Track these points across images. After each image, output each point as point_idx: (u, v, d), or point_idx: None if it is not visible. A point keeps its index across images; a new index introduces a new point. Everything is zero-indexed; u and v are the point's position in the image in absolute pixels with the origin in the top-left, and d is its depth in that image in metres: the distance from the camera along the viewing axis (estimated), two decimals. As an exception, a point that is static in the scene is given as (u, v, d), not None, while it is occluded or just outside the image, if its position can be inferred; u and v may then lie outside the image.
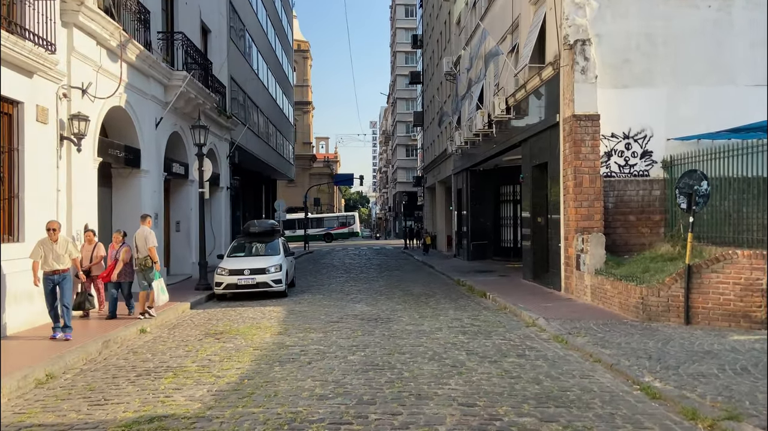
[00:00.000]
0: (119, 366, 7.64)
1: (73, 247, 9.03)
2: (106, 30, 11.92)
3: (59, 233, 8.88)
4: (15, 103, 9.37)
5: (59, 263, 8.76)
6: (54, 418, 5.58)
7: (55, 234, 8.76)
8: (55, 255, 8.74)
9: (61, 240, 8.84)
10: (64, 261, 8.81)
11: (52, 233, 8.75)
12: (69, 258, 8.90)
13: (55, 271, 8.75)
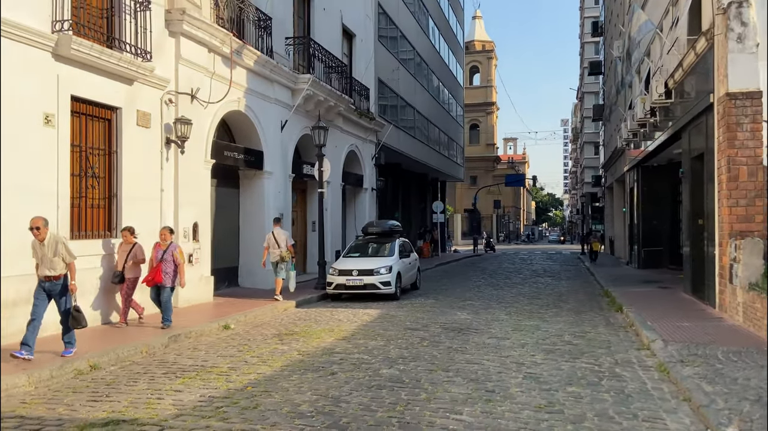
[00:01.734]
0: (160, 362, 7.75)
1: (65, 249, 7.40)
2: (216, 38, 12.51)
3: (46, 231, 7.35)
4: (113, 109, 10.16)
5: (50, 268, 7.36)
6: (42, 411, 5.70)
7: (39, 233, 7.30)
8: (45, 259, 7.37)
9: (49, 241, 7.35)
10: (56, 266, 7.37)
11: (36, 232, 7.31)
12: (62, 263, 7.42)
13: (46, 277, 7.40)
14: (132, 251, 9.60)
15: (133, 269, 9.72)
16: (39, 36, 8.54)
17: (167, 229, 9.97)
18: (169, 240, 9.77)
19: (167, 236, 9.79)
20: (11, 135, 8.16)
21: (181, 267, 9.74)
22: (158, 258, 9.65)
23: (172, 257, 9.55)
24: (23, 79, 8.33)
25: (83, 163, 9.65)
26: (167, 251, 9.66)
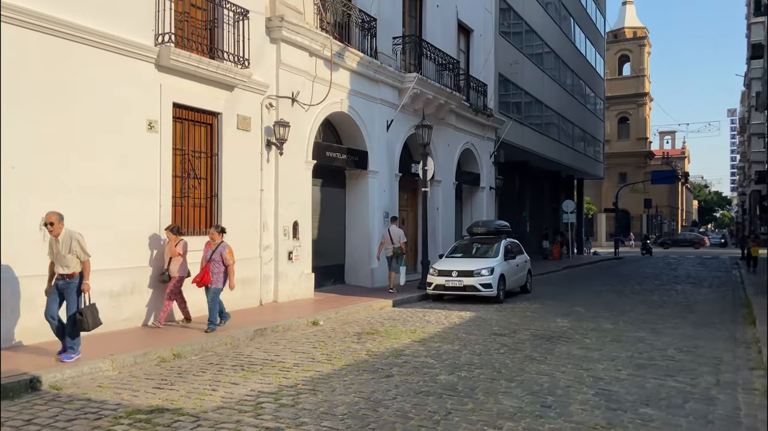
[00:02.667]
0: (237, 354, 8.07)
1: (79, 247, 7.02)
2: (316, 42, 12.86)
3: (61, 227, 7.02)
4: (214, 114, 10.82)
5: (63, 265, 7.06)
6: (109, 395, 6.15)
7: (53, 229, 7.01)
8: (59, 256, 7.06)
9: (64, 237, 7.00)
10: (69, 264, 7.04)
11: (50, 228, 7.02)
12: (76, 261, 7.08)
13: (60, 275, 7.12)
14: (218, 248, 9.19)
15: (176, 267, 9.34)
16: (143, 49, 9.32)
17: (216, 228, 9.43)
18: (218, 240, 9.26)
19: (215, 235, 9.28)
20: (119, 140, 8.99)
21: (231, 268, 9.18)
22: (206, 258, 9.20)
23: (220, 258, 9.14)
24: (129, 89, 9.14)
25: (186, 165, 10.39)
26: (216, 251, 9.16)
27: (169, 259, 9.34)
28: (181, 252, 9.33)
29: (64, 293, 7.14)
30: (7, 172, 7.57)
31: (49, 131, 8.06)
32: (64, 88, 8.26)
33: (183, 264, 9.41)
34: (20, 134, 7.71)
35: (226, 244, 9.25)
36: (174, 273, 9.31)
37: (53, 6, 8.04)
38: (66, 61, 8.27)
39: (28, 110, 7.81)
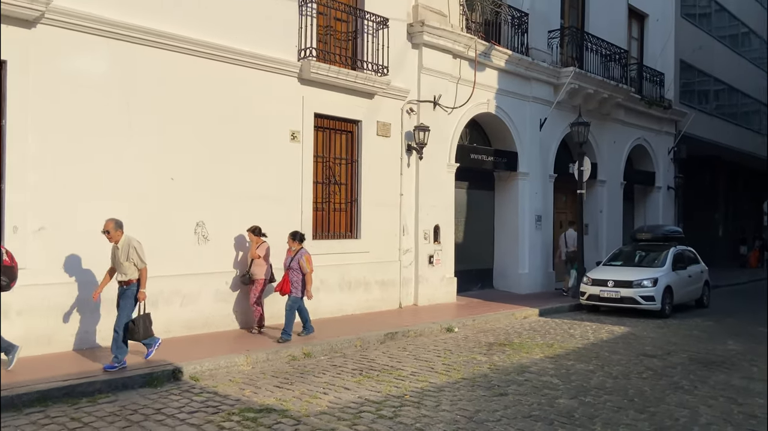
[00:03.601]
0: (361, 357, 8.23)
1: (136, 254, 6.94)
2: (459, 43, 12.65)
3: (119, 234, 7.00)
4: (355, 122, 11.17)
5: (120, 272, 7.04)
6: (234, 391, 6.62)
7: (111, 236, 6.98)
8: (117, 263, 7.04)
9: (123, 244, 6.97)
10: (126, 271, 6.99)
11: (108, 236, 7.00)
12: (133, 268, 7.00)
13: (118, 282, 7.12)
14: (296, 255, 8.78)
15: (259, 271, 9.07)
16: (287, 65, 9.93)
17: (292, 235, 8.91)
18: (295, 247, 8.82)
19: (291, 243, 8.86)
20: (265, 151, 9.69)
21: (308, 277, 8.71)
22: (285, 266, 8.87)
23: (298, 266, 8.71)
24: (275, 104, 9.80)
25: (326, 172, 10.87)
26: (294, 259, 8.76)
27: (251, 261, 9.12)
28: (262, 255, 9.02)
29: (119, 300, 7.10)
30: (167, 183, 8.55)
31: (204, 145, 8.93)
32: (220, 106, 9.10)
33: (265, 267, 9.11)
34: (177, 148, 8.65)
35: (305, 251, 8.84)
36: (256, 276, 9.07)
37: (218, 35, 8.99)
38: (225, 82, 9.13)
39: (186, 126, 8.74)
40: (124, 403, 6.06)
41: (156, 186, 8.43)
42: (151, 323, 7.22)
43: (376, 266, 11.34)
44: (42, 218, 7.46)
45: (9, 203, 7.23)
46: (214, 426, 5.43)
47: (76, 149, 7.72)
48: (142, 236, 8.17)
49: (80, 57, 7.73)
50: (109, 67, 7.99)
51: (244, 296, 9.33)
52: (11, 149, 7.24)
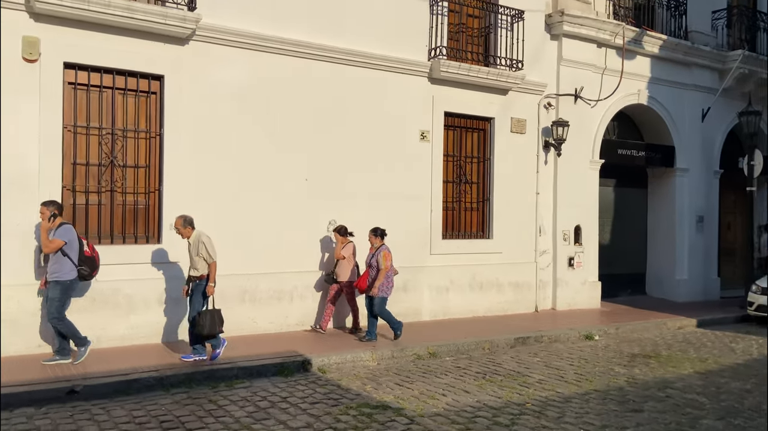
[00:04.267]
0: (488, 361, 8.01)
1: (205, 250, 7.06)
2: (604, 30, 11.82)
3: (189, 231, 7.18)
4: (487, 120, 10.91)
5: (192, 267, 7.20)
6: (356, 386, 6.77)
7: (181, 233, 7.22)
8: (190, 258, 7.21)
9: (194, 240, 7.14)
10: (198, 266, 7.14)
11: (177, 232, 7.28)
12: (203, 263, 7.12)
13: (191, 277, 7.25)
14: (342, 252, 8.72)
15: (344, 271, 8.84)
16: (417, 65, 9.98)
17: (373, 231, 8.61)
18: (376, 244, 8.54)
19: (373, 239, 8.57)
20: (395, 151, 9.83)
21: (381, 273, 8.32)
22: (366, 263, 8.64)
23: (377, 263, 8.42)
24: (403, 103, 9.90)
25: (457, 171, 10.74)
26: (374, 256, 8.50)
27: (336, 262, 8.92)
28: (346, 255, 8.79)
29: (192, 295, 7.25)
30: (301, 183, 9.02)
31: (335, 147, 9.28)
32: (350, 109, 9.41)
33: (351, 268, 8.86)
34: (311, 150, 9.08)
35: (385, 247, 8.48)
36: (340, 277, 8.84)
37: (348, 40, 9.28)
38: (355, 85, 9.40)
39: (319, 129, 9.14)
40: (255, 389, 6.47)
41: (291, 186, 8.91)
42: (222, 320, 7.14)
43: (509, 267, 10.99)
44: (195, 217, 8.16)
45: (167, 203, 8.06)
46: (331, 418, 5.60)
47: (221, 153, 8.40)
48: (276, 234, 8.74)
49: (225, 69, 8.40)
50: (250, 77, 8.59)
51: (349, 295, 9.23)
52: (169, 155, 8.07)
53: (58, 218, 6.80)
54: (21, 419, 5.41)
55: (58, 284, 6.77)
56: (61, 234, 6.75)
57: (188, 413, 5.66)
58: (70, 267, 6.82)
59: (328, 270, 9.08)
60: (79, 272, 6.91)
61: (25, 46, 7.12)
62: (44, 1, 7.00)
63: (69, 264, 6.81)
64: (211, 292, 7.17)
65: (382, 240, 8.59)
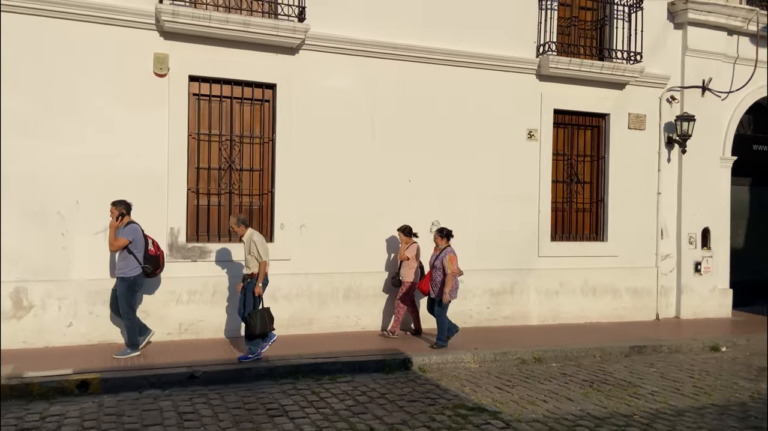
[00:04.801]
0: (598, 369, 7.65)
1: (256, 249, 7.11)
2: (736, 17, 10.83)
3: (242, 230, 7.29)
4: (601, 116, 10.39)
5: (246, 266, 7.30)
6: (455, 386, 6.77)
7: (236, 231, 7.41)
8: (245, 256, 7.30)
9: (246, 238, 7.23)
10: (250, 265, 7.21)
11: (232, 230, 7.55)
12: (255, 262, 7.18)
13: (245, 275, 7.34)
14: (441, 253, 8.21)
15: (408, 272, 8.62)
16: (524, 62, 9.75)
17: (438, 231, 8.31)
18: (442, 245, 8.24)
19: (438, 239, 8.29)
20: (499, 151, 9.68)
21: (448, 278, 7.98)
22: (430, 264, 8.37)
23: (442, 265, 8.10)
24: (510, 102, 9.71)
25: (568, 170, 10.34)
26: (438, 257, 8.17)
27: (400, 263, 8.71)
28: (410, 256, 8.60)
29: (245, 293, 7.30)
30: (405, 184, 9.15)
31: (439, 148, 9.32)
32: (454, 109, 9.41)
33: (415, 269, 8.65)
34: (415, 151, 9.19)
35: (450, 249, 8.15)
36: (405, 278, 8.63)
37: (450, 41, 9.31)
38: (459, 85, 9.40)
39: (423, 130, 9.23)
40: (356, 384, 6.67)
41: (394, 187, 9.07)
42: (272, 319, 7.22)
43: (626, 271, 10.39)
44: (303, 217, 8.64)
45: (278, 204, 8.55)
46: (427, 416, 5.64)
47: (328, 156, 8.74)
48: (380, 234, 8.93)
49: (332, 75, 8.74)
50: (355, 82, 8.87)
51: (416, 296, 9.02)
52: (280, 158, 8.55)
53: (126, 218, 7.15)
54: (148, 400, 5.98)
55: (123, 281, 7.13)
56: (126, 233, 7.08)
57: (292, 402, 5.96)
58: (134, 264, 7.12)
59: (393, 272, 8.90)
60: (143, 270, 7.20)
61: (156, 62, 7.88)
62: (172, 21, 7.70)
63: (134, 262, 7.11)
64: (258, 292, 7.15)
65: (448, 242, 8.27)
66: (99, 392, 6.14)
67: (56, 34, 7.46)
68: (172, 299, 8.00)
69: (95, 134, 7.63)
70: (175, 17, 7.66)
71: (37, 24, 7.39)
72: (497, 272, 9.60)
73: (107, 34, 7.66)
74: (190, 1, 7.99)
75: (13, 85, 7.29)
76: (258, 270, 7.16)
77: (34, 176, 7.37)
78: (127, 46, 7.74)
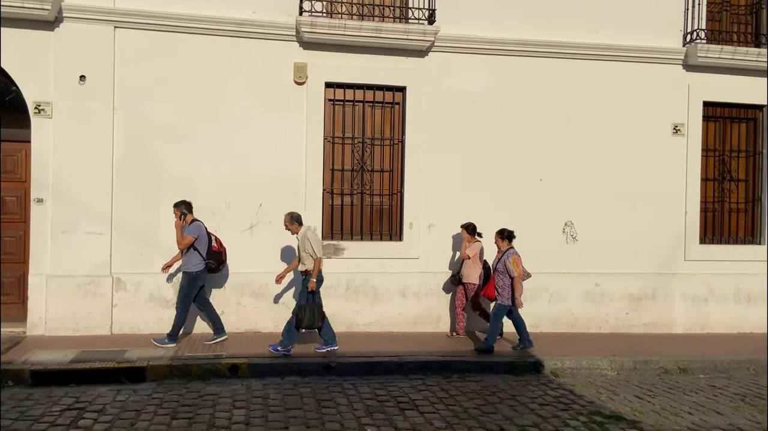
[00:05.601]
0: (752, 383, 6.99)
1: (310, 246, 7.20)
2: None
3: (295, 227, 7.36)
4: (758, 108, 9.46)
5: (301, 262, 7.38)
6: (591, 393, 6.53)
7: (290, 229, 7.42)
8: (300, 253, 7.41)
9: (301, 236, 7.33)
10: (305, 261, 7.30)
11: (286, 228, 7.48)
12: (310, 259, 7.25)
13: (301, 272, 7.45)
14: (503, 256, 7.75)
15: (471, 273, 8.27)
16: (668, 52, 9.14)
17: (499, 233, 7.84)
18: (503, 247, 7.78)
19: (499, 242, 7.83)
20: (639, 147, 9.15)
21: (516, 281, 7.54)
22: (492, 267, 7.92)
23: (505, 269, 7.65)
24: (651, 95, 9.13)
25: (719, 167, 9.52)
26: (500, 260, 7.73)
27: (462, 262, 8.39)
28: (472, 255, 8.20)
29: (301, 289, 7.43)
30: (536, 184, 8.95)
31: (572, 145, 9.01)
32: (589, 105, 9.06)
33: (479, 270, 8.28)
34: (547, 149, 8.96)
35: (513, 251, 7.68)
36: (467, 279, 8.30)
37: (595, 35, 8.98)
38: (593, 80, 9.05)
39: (556, 127, 8.98)
40: (486, 385, 6.64)
41: (525, 187, 8.91)
42: (322, 315, 7.27)
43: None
44: (431, 216, 8.75)
45: (407, 204, 8.74)
46: (559, 421, 5.49)
47: (456, 156, 8.78)
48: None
49: (461, 75, 8.76)
50: (485, 81, 8.82)
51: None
52: (409, 159, 8.73)
53: (189, 216, 7.50)
54: (289, 385, 6.40)
55: (186, 275, 7.45)
56: (190, 231, 7.39)
57: (422, 398, 6.08)
58: (198, 260, 7.42)
59: (455, 270, 8.61)
60: (206, 265, 7.47)
61: (295, 71, 8.39)
62: (311, 31, 8.15)
63: (197, 257, 7.42)
64: (311, 287, 7.21)
65: (510, 243, 7.79)
66: (246, 376, 6.67)
67: (204, 50, 8.17)
68: (309, 294, 8.45)
69: (241, 140, 8.28)
70: (314, 28, 8.11)
71: (185, 41, 8.13)
72: (637, 275, 9.08)
73: (251, 47, 8.27)
74: (326, 12, 8.41)
75: (167, 97, 8.11)
76: (314, 267, 7.24)
77: (188, 179, 8.13)
78: (269, 57, 8.31)
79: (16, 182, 8.08)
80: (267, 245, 8.33)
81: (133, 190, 8.02)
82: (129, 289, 8.00)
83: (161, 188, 8.06)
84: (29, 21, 7.57)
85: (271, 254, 8.35)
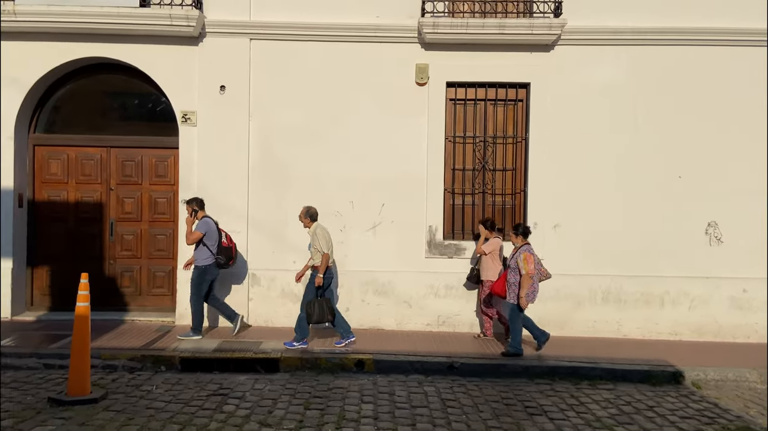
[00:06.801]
0: None
1: (317, 241, 7.33)
2: None
3: (307, 222, 7.50)
4: None
5: (312, 257, 7.55)
6: (737, 406, 6.00)
7: (303, 223, 7.57)
8: (311, 248, 7.56)
9: (311, 231, 7.48)
10: (314, 256, 7.46)
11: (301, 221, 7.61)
12: (318, 254, 7.36)
13: (311, 267, 7.58)
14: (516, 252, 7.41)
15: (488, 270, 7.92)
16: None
17: (514, 228, 7.50)
18: (518, 243, 7.37)
19: (513, 238, 7.43)
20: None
21: (524, 279, 7.12)
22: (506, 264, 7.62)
23: (517, 265, 7.20)
24: None
25: None
26: (513, 257, 7.35)
27: (479, 258, 8.06)
28: (487, 251, 7.88)
29: (308, 284, 7.50)
30: (674, 181, 8.36)
31: (717, 139, 8.34)
32: (737, 94, 8.35)
33: (497, 267, 7.90)
34: (686, 144, 8.35)
35: (526, 248, 7.26)
36: (485, 277, 7.97)
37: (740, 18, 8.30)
38: (747, 68, 8.33)
39: (697, 121, 8.36)
40: (619, 393, 6.31)
41: (661, 185, 8.35)
42: (331, 310, 7.29)
43: None
44: (557, 216, 8.46)
45: (531, 203, 8.51)
46: (704, 436, 5.11)
47: (583, 153, 8.41)
48: (642, 236, 8.31)
49: (588, 68, 8.38)
50: (615, 73, 8.37)
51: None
52: (533, 157, 8.50)
53: (200, 213, 7.76)
54: (413, 383, 6.47)
55: (196, 269, 7.73)
56: (199, 227, 7.66)
57: (551, 403, 5.89)
58: (207, 255, 7.67)
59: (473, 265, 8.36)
60: (216, 261, 7.71)
61: (417, 72, 8.47)
62: (432, 32, 8.19)
63: (206, 252, 7.67)
64: (318, 282, 7.30)
65: (525, 239, 7.40)
66: (372, 371, 6.84)
67: (329, 56, 8.47)
68: (431, 293, 8.49)
69: (364, 142, 8.49)
70: (436, 28, 8.13)
71: (312, 48, 8.47)
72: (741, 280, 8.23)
73: (373, 51, 8.45)
74: (448, 12, 8.40)
75: (296, 102, 8.47)
76: (321, 262, 7.31)
77: (315, 180, 8.47)
78: (391, 60, 8.45)
79: (166, 185, 8.88)
80: (389, 243, 8.49)
81: (266, 191, 8.50)
82: (263, 284, 8.49)
83: (289, 188, 8.47)
84: (177, 37, 8.27)
85: (393, 252, 8.49)
